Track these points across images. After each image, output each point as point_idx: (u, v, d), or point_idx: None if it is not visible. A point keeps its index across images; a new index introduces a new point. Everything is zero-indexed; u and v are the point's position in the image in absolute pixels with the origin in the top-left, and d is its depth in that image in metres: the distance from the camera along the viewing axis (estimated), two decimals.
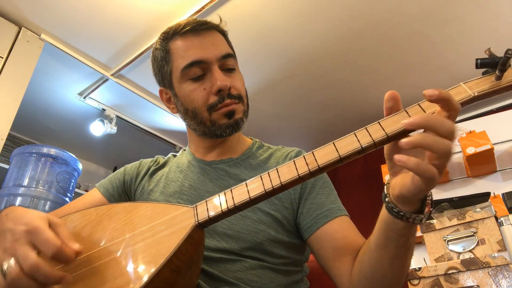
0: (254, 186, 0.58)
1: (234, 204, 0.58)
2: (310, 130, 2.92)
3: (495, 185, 1.90)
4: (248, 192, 0.57)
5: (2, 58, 1.83)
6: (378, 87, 2.47)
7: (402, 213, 0.53)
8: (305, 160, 0.55)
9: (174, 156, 1.00)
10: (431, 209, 0.54)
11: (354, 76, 2.38)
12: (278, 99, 2.58)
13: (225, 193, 0.60)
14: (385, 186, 0.57)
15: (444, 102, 0.48)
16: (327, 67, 2.30)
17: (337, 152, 0.53)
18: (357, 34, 2.06)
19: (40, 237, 0.54)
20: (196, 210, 0.61)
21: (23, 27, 1.93)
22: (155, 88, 2.48)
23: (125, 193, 0.93)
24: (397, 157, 0.47)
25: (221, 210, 0.58)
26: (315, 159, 0.54)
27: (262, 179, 0.57)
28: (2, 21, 1.87)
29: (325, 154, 0.54)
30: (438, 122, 0.47)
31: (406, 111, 0.52)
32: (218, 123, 0.83)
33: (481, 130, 1.91)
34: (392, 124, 0.51)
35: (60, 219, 0.61)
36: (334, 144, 0.54)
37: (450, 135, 0.47)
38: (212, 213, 0.59)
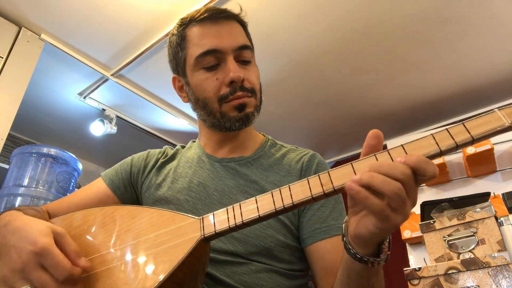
0: (264, 203, 0.55)
1: (242, 221, 0.55)
2: (310, 130, 2.92)
3: (495, 185, 1.91)
4: (258, 209, 0.55)
5: (2, 58, 1.83)
6: (378, 87, 2.47)
7: (359, 256, 0.52)
8: (320, 180, 0.52)
9: (183, 147, 0.96)
10: (389, 252, 0.52)
11: (355, 76, 2.38)
12: (278, 99, 2.58)
13: (233, 208, 0.58)
14: (343, 225, 0.55)
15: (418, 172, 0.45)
16: (328, 67, 2.30)
17: (355, 174, 0.50)
18: (358, 34, 2.06)
19: (50, 261, 0.54)
20: (203, 223, 0.59)
21: (23, 27, 1.93)
22: (155, 88, 2.49)
23: (131, 185, 0.90)
24: (347, 185, 0.47)
25: (229, 225, 0.56)
26: (331, 180, 0.51)
27: (273, 196, 0.55)
28: (2, 21, 1.87)
29: (342, 175, 0.51)
30: (383, 180, 0.45)
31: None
32: (228, 115, 0.80)
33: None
34: (423, 147, 0.49)
35: (63, 229, 0.60)
36: (352, 165, 0.50)
37: (402, 179, 0.45)
38: (218, 228, 0.57)
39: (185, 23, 0.85)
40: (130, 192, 0.90)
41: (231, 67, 0.79)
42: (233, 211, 0.57)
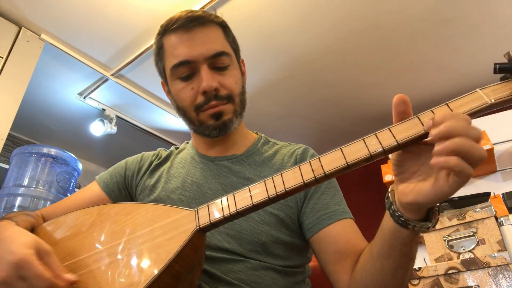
0: (257, 192, 0.56)
1: (237, 210, 0.56)
2: (310, 130, 2.92)
3: (495, 185, 1.90)
4: (251, 198, 0.56)
5: (2, 58, 1.83)
6: (378, 87, 2.47)
7: (408, 221, 0.52)
8: (311, 166, 0.53)
9: (177, 149, 0.97)
10: (438, 217, 0.52)
11: (355, 76, 2.38)
12: (278, 99, 2.58)
13: (227, 198, 0.58)
14: (389, 194, 0.55)
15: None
16: (327, 67, 2.30)
17: (345, 158, 0.50)
18: (358, 34, 2.06)
19: (29, 273, 0.54)
20: (198, 214, 0.59)
21: (23, 27, 1.93)
22: (155, 88, 2.49)
23: (125, 188, 0.91)
24: (435, 160, 0.44)
25: (223, 215, 0.57)
26: (321, 166, 0.52)
27: (266, 185, 0.56)
28: (2, 21, 1.87)
29: (332, 160, 0.51)
30: (464, 128, 0.44)
31: (418, 117, 0.49)
32: (205, 123, 0.81)
33: (481, 130, 1.91)
34: (404, 131, 0.49)
35: (50, 247, 0.60)
36: (341, 150, 0.51)
37: (477, 140, 0.44)
38: (213, 218, 0.58)
39: (161, 32, 0.85)
40: (124, 195, 0.91)
41: (204, 77, 0.79)
42: (227, 201, 0.58)
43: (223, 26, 0.86)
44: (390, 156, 0.53)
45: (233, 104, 0.82)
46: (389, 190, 0.55)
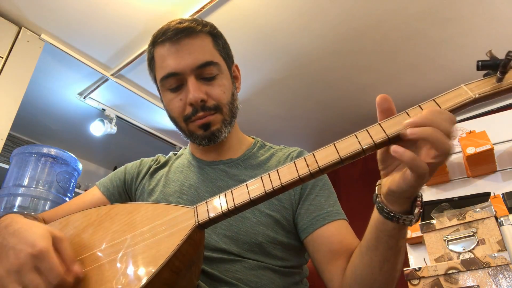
0: (254, 187, 0.58)
1: (235, 205, 0.58)
2: (310, 130, 2.92)
3: (495, 185, 1.90)
4: (249, 193, 0.57)
5: (2, 58, 1.83)
6: (378, 87, 2.47)
7: (392, 214, 0.54)
8: (306, 161, 0.55)
9: (175, 155, 1.00)
10: (421, 210, 0.54)
11: (355, 76, 2.38)
12: (278, 99, 2.58)
13: (225, 194, 0.60)
14: (376, 187, 0.58)
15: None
16: (328, 67, 2.30)
17: (338, 153, 0.53)
18: (358, 34, 2.06)
19: (46, 265, 0.55)
20: (197, 211, 0.61)
21: (23, 27, 1.93)
22: (155, 88, 2.49)
23: (125, 192, 0.93)
24: (394, 147, 0.48)
25: (222, 211, 0.58)
26: (316, 160, 0.54)
27: (262, 180, 0.57)
28: (2, 21, 1.87)
29: (326, 155, 0.54)
30: (439, 120, 0.48)
31: (407, 112, 0.52)
32: (195, 133, 0.83)
33: (481, 130, 1.91)
34: (393, 125, 0.52)
35: (63, 234, 0.60)
36: (334, 145, 0.54)
37: (449, 135, 0.48)
38: (212, 214, 0.59)
39: (151, 43, 0.86)
40: (124, 199, 0.93)
41: (190, 89, 0.80)
42: (225, 197, 0.60)
43: (213, 34, 0.86)
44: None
45: (221, 114, 0.83)
46: (377, 184, 0.58)
